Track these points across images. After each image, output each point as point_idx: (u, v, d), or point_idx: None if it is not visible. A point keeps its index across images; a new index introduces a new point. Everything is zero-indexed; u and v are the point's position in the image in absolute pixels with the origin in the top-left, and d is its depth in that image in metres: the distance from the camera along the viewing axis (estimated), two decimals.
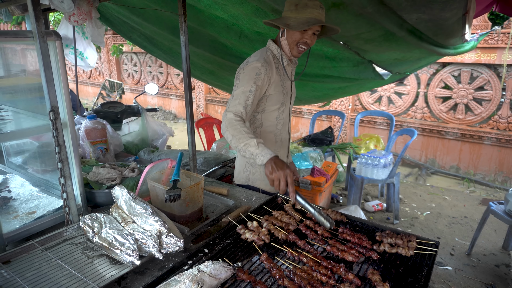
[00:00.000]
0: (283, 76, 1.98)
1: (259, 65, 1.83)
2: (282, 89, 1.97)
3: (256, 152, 1.59)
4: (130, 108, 3.48)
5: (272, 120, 2.00)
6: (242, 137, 1.65)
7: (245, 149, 1.63)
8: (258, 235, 1.47)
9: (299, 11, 1.79)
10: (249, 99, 1.79)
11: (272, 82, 1.90)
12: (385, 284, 1.19)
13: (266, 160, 1.56)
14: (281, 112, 2.01)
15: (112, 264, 1.30)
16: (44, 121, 1.42)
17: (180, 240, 1.32)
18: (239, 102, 1.77)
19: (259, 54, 1.92)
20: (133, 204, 1.41)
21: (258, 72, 1.82)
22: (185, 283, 1.10)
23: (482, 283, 3.04)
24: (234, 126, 1.70)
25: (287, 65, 2.00)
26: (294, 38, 1.86)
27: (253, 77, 1.81)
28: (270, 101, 1.95)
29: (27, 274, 1.21)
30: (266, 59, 1.87)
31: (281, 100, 1.98)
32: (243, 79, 1.83)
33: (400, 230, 1.54)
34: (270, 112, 1.98)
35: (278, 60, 1.97)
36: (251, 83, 1.80)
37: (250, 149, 1.62)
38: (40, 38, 1.30)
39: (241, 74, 1.86)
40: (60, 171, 1.44)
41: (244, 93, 1.79)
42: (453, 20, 2.56)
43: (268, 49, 1.98)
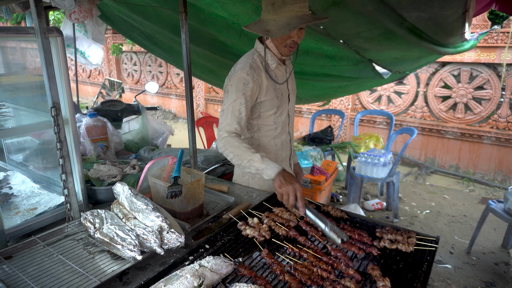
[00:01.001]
0: (274, 77, 1.87)
1: (245, 75, 1.72)
2: (275, 93, 1.86)
3: (262, 167, 1.56)
4: (130, 107, 3.49)
5: (270, 124, 1.91)
6: (244, 154, 1.61)
7: (249, 165, 1.60)
8: (258, 231, 1.47)
9: (277, 11, 1.61)
10: (242, 112, 1.71)
11: (263, 89, 1.79)
12: (385, 279, 1.20)
13: (274, 174, 1.52)
14: (279, 115, 1.92)
15: (113, 260, 1.30)
16: (46, 118, 1.43)
17: (181, 235, 1.33)
18: (232, 119, 1.70)
19: (245, 60, 1.81)
20: (135, 200, 1.41)
21: (245, 82, 1.71)
22: (186, 277, 1.10)
23: (482, 281, 3.05)
24: (232, 144, 1.66)
25: (275, 68, 1.87)
26: (280, 40, 1.74)
27: (241, 89, 1.71)
28: (264, 107, 1.85)
29: (29, 269, 1.21)
30: (252, 65, 1.76)
31: (276, 104, 1.87)
32: (231, 92, 1.73)
33: (400, 227, 1.55)
34: (266, 117, 1.88)
35: (266, 62, 1.84)
36: (240, 95, 1.70)
37: (255, 165, 1.58)
38: (42, 35, 1.30)
39: (229, 86, 1.76)
40: (61, 167, 1.45)
41: (234, 107, 1.71)
42: (453, 18, 2.57)
43: (255, 52, 1.86)
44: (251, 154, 1.59)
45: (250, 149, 1.62)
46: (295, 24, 1.59)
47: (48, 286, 1.13)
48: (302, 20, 1.60)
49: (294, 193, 1.46)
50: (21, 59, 1.95)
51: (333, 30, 2.85)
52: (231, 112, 1.71)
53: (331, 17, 2.54)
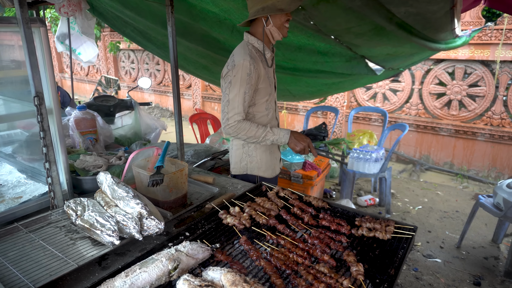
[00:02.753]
0: (267, 68, 2.01)
1: (248, 64, 1.84)
2: (269, 81, 2.01)
3: (275, 138, 1.92)
4: (123, 102, 3.51)
5: (262, 110, 2.04)
6: (257, 133, 1.89)
7: (264, 141, 1.92)
8: (239, 220, 1.50)
9: None
10: (246, 100, 1.88)
11: (261, 76, 1.93)
12: (359, 264, 1.22)
13: (287, 139, 1.92)
14: (269, 101, 2.06)
15: (93, 246, 1.33)
16: (30, 107, 1.45)
17: (161, 222, 1.35)
18: (239, 106, 1.86)
19: (242, 51, 1.91)
20: (116, 188, 1.43)
21: (248, 72, 1.84)
22: (161, 261, 1.13)
23: (470, 275, 3.07)
24: (243, 128, 1.88)
25: (270, 56, 2.04)
26: (281, 20, 1.89)
27: (245, 79, 1.84)
28: (259, 95, 1.99)
29: (9, 254, 1.24)
30: (250, 54, 1.88)
31: (269, 91, 2.02)
32: (235, 82, 1.85)
33: (379, 216, 1.57)
34: (260, 104, 2.01)
35: (260, 53, 1.98)
36: (245, 84, 1.85)
37: (269, 138, 1.91)
38: (24, 24, 1.32)
39: (231, 77, 1.87)
40: (45, 156, 1.47)
41: (239, 95, 1.85)
42: (440, 13, 2.58)
43: (248, 43, 1.98)
44: (262, 132, 1.90)
45: (259, 127, 1.90)
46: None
47: (27, 269, 1.16)
48: None
49: (308, 147, 1.95)
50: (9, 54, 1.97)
51: (323, 26, 2.87)
52: (238, 101, 1.86)
53: (320, 13, 2.56)
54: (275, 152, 2.21)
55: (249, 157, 2.11)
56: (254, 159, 2.11)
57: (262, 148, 2.10)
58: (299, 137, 1.91)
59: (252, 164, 2.12)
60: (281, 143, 1.93)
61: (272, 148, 2.17)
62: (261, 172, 2.13)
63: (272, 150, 2.17)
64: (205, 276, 1.11)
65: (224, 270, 1.10)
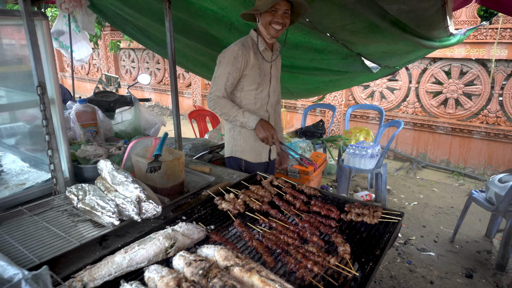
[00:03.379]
0: (261, 60, 2.17)
1: (236, 49, 2.04)
2: (259, 71, 2.17)
3: (245, 120, 2.00)
4: (123, 98, 3.57)
5: (250, 99, 2.21)
6: (230, 111, 2.01)
7: (235, 120, 2.02)
8: (233, 205, 1.56)
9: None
10: (229, 80, 2.05)
11: (249, 64, 2.10)
12: (346, 244, 1.29)
13: (255, 124, 1.99)
14: (259, 92, 2.22)
15: (94, 227, 1.39)
16: (33, 97, 1.51)
17: (158, 206, 1.42)
18: (221, 83, 2.05)
19: (238, 40, 2.15)
20: (116, 174, 1.50)
21: (235, 56, 2.03)
22: (159, 239, 1.19)
23: (463, 268, 3.13)
24: (220, 103, 2.03)
25: (263, 50, 2.19)
26: (266, 20, 2.03)
27: (231, 60, 2.03)
28: (247, 81, 2.16)
29: (15, 234, 1.30)
30: (244, 43, 2.09)
31: (258, 81, 2.18)
32: (222, 62, 2.07)
33: (368, 202, 1.64)
34: (248, 91, 2.19)
35: (256, 46, 2.16)
36: (230, 65, 2.03)
37: (239, 119, 2.01)
38: (27, 17, 1.39)
39: (221, 58, 2.09)
40: (47, 143, 1.54)
41: (224, 75, 2.04)
42: (432, 10, 2.65)
43: (248, 36, 2.21)
44: (235, 111, 2.01)
45: (234, 107, 2.02)
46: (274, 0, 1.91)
47: (32, 247, 1.23)
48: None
49: (271, 137, 1.97)
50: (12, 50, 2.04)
51: (319, 23, 2.93)
52: (221, 79, 2.04)
53: (315, 10, 2.62)
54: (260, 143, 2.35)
55: (234, 140, 2.29)
56: (238, 142, 2.28)
57: (247, 133, 2.26)
58: (266, 126, 1.98)
59: (236, 147, 2.29)
60: (249, 127, 2.02)
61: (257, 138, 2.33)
62: (243, 155, 2.28)
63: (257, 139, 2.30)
64: (199, 252, 1.18)
65: (217, 247, 1.16)
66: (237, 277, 1.06)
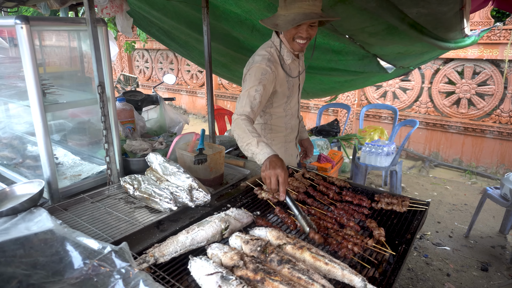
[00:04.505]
0: (289, 71, 2.04)
1: (264, 66, 1.87)
2: (288, 84, 2.05)
3: (256, 152, 1.60)
4: (149, 97, 3.74)
5: (281, 112, 2.12)
6: (246, 136, 1.66)
7: (247, 148, 1.65)
8: (272, 195, 1.70)
9: (288, 7, 1.77)
10: (256, 99, 1.81)
11: (278, 80, 1.96)
12: (380, 228, 1.42)
13: (264, 159, 1.55)
14: (288, 103, 2.13)
15: (150, 213, 1.55)
16: (91, 95, 1.67)
17: (207, 194, 1.57)
18: (246, 103, 1.80)
19: (262, 52, 1.95)
20: (167, 165, 1.66)
21: (263, 72, 1.86)
22: (215, 222, 1.34)
23: (478, 261, 3.24)
24: (240, 125, 1.71)
25: (290, 62, 2.03)
26: (289, 35, 1.88)
27: (259, 77, 1.84)
28: (276, 97, 2.05)
29: (83, 217, 1.46)
30: (270, 58, 1.91)
31: (287, 94, 2.06)
32: (249, 80, 1.86)
33: (396, 193, 1.77)
34: (277, 106, 2.09)
35: (282, 56, 2.00)
36: (257, 82, 1.83)
37: (251, 148, 1.62)
38: (92, 24, 1.55)
39: (247, 75, 1.90)
40: (104, 137, 1.70)
41: (250, 93, 1.82)
42: (450, 14, 2.76)
43: (272, 45, 2.00)
44: (250, 138, 1.63)
45: (252, 133, 1.65)
46: (299, 20, 1.74)
47: (101, 228, 1.38)
48: (306, 16, 1.75)
49: (275, 178, 1.47)
50: (64, 53, 2.22)
51: (339, 26, 3.06)
52: (247, 97, 1.81)
53: (337, 13, 2.76)
54: (290, 149, 2.33)
55: None
56: None
57: (278, 145, 2.19)
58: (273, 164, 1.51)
59: None
60: (258, 160, 1.61)
61: (287, 146, 2.29)
62: None
63: (288, 147, 2.29)
64: (252, 234, 1.32)
65: (268, 229, 1.31)
66: (290, 254, 1.20)
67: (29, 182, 1.55)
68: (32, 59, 1.45)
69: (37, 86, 1.48)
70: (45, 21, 1.61)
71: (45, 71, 2.17)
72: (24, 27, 1.42)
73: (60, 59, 2.08)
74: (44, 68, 2.19)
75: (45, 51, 2.13)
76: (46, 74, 2.15)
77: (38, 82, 1.48)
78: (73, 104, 1.78)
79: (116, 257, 1.04)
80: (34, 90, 1.48)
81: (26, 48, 1.43)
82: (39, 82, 1.48)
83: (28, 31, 1.43)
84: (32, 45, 1.44)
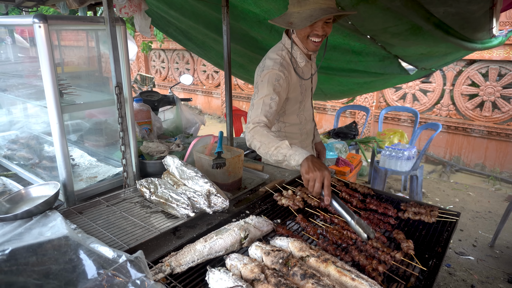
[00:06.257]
0: (302, 74, 1.94)
1: (276, 71, 1.76)
2: (301, 89, 1.94)
3: (290, 153, 1.49)
4: (166, 98, 3.72)
5: (294, 118, 2.02)
6: (272, 141, 1.55)
7: (276, 152, 1.53)
8: (293, 201, 1.64)
9: (301, 3, 1.68)
10: (272, 107, 1.70)
11: (291, 85, 1.85)
12: (409, 241, 1.34)
13: (302, 159, 1.44)
14: (302, 109, 2.02)
15: (167, 218, 1.50)
16: (109, 96, 1.64)
17: (226, 200, 1.51)
18: (262, 112, 1.68)
19: (274, 56, 1.84)
20: (185, 169, 1.60)
21: (277, 78, 1.75)
22: (234, 230, 1.28)
23: (504, 273, 3.09)
24: (260, 133, 1.60)
25: (304, 65, 1.93)
26: (303, 33, 1.77)
27: (272, 84, 1.73)
28: (289, 104, 1.94)
29: (98, 221, 1.42)
30: (282, 63, 1.80)
31: (299, 99, 1.96)
32: (261, 87, 1.74)
33: (423, 202, 1.68)
34: (290, 113, 1.99)
35: (295, 59, 1.89)
36: (271, 90, 1.72)
37: (283, 151, 1.51)
38: (111, 23, 1.51)
39: (259, 82, 1.78)
40: (121, 139, 1.66)
41: (265, 101, 1.70)
42: (480, 13, 2.64)
43: (283, 48, 1.88)
44: (278, 141, 1.54)
45: (278, 137, 1.57)
46: (317, 16, 1.62)
47: (116, 234, 1.34)
48: (325, 11, 1.63)
49: (321, 180, 1.35)
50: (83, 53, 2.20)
51: (361, 26, 2.96)
52: (261, 105, 1.69)
53: (359, 13, 2.66)
54: None
55: None
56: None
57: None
58: (317, 165, 1.40)
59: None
60: (294, 161, 1.48)
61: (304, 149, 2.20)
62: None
63: None
64: (273, 244, 1.25)
65: (290, 239, 1.24)
66: (314, 267, 1.13)
67: (45, 184, 1.53)
68: (50, 59, 1.42)
69: (54, 86, 1.45)
70: (63, 20, 1.59)
71: (63, 71, 2.16)
72: (42, 26, 1.39)
73: (78, 59, 2.06)
74: (62, 68, 2.17)
75: (63, 51, 2.11)
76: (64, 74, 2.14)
77: (55, 82, 1.45)
78: (90, 105, 1.75)
79: (132, 267, 0.99)
80: (51, 90, 1.45)
81: (43, 47, 1.40)
82: (56, 82, 1.45)
83: (46, 30, 1.40)
84: (50, 44, 1.41)
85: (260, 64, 1.89)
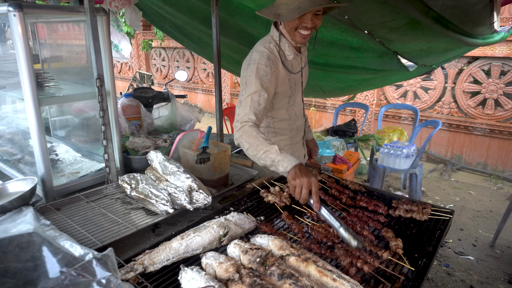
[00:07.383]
0: (290, 68, 1.84)
1: (263, 66, 1.67)
2: (289, 83, 1.85)
3: (279, 159, 1.43)
4: (160, 94, 3.66)
5: (283, 114, 1.93)
6: (261, 144, 1.49)
7: (265, 156, 1.47)
8: (279, 198, 1.58)
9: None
10: (261, 104, 1.64)
11: (279, 79, 1.77)
12: (397, 239, 1.27)
13: (291, 167, 1.39)
14: (291, 104, 1.94)
15: (147, 215, 1.44)
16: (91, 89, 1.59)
17: (208, 196, 1.45)
18: (250, 109, 1.62)
19: (261, 48, 1.75)
20: (167, 164, 1.55)
21: (264, 74, 1.66)
22: (213, 227, 1.23)
23: (505, 273, 3.02)
24: (249, 133, 1.54)
25: (292, 58, 1.84)
26: (291, 25, 1.68)
27: (259, 79, 1.65)
28: (277, 99, 1.86)
29: (75, 218, 1.37)
30: (269, 56, 1.71)
31: (288, 94, 1.88)
32: (249, 83, 1.66)
33: (415, 199, 1.61)
34: (279, 108, 1.91)
35: (283, 52, 1.80)
36: (259, 86, 1.64)
37: (271, 156, 1.45)
38: (91, 13, 1.46)
39: (247, 78, 1.69)
40: (103, 133, 1.61)
41: (253, 98, 1.63)
42: (479, 6, 2.56)
43: (271, 40, 1.80)
44: (268, 145, 1.47)
45: (267, 141, 1.51)
46: (306, 7, 1.55)
47: (92, 231, 1.29)
48: (314, 3, 1.55)
49: (308, 186, 1.30)
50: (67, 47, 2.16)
51: (357, 20, 2.89)
52: (250, 102, 1.63)
53: (355, 7, 2.59)
54: (297, 151, 2.13)
55: None
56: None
57: (285, 147, 1.99)
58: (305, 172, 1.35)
59: None
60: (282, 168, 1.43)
61: (294, 147, 2.09)
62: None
63: (294, 149, 2.09)
64: (253, 242, 1.20)
65: (271, 237, 1.18)
66: (293, 267, 1.07)
67: (23, 179, 1.48)
68: (25, 48, 1.36)
69: (30, 77, 1.40)
70: (40, 9, 1.53)
71: (50, 66, 2.11)
72: (17, 15, 1.34)
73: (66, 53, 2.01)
74: (49, 63, 2.13)
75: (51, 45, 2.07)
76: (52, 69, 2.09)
77: (32, 73, 1.40)
78: (70, 98, 1.70)
79: (98, 266, 0.93)
80: (27, 81, 1.40)
81: (18, 36, 1.35)
82: (33, 72, 1.40)
83: (21, 19, 1.34)
84: (25, 33, 1.35)
85: (247, 57, 1.81)
